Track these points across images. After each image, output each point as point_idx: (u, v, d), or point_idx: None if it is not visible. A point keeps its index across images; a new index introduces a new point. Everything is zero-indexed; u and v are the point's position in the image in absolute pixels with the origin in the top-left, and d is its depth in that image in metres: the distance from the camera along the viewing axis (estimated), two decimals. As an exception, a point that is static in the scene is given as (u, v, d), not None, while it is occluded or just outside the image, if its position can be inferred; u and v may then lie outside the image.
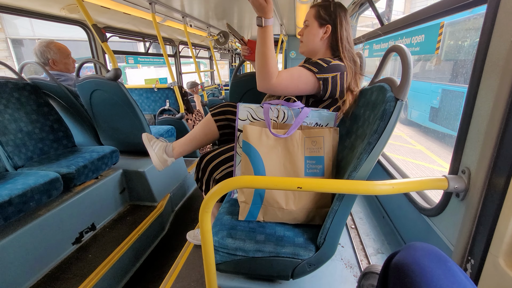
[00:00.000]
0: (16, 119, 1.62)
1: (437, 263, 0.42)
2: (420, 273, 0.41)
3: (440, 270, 0.41)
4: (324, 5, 1.15)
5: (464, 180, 0.70)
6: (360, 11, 2.32)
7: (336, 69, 1.05)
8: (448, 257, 0.45)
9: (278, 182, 0.65)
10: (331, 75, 1.04)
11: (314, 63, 1.06)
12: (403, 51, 0.68)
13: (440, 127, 5.08)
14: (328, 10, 1.14)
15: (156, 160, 1.35)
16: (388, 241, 1.25)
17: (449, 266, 0.42)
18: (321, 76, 1.03)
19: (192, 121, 3.11)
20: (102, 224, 1.75)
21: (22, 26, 8.64)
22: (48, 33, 8.72)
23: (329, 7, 1.14)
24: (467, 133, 0.71)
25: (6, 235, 1.21)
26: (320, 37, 1.16)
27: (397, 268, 0.45)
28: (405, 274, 0.43)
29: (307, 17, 1.20)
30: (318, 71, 1.03)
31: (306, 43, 1.20)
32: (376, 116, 0.71)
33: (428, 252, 0.45)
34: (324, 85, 1.04)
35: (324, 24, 1.14)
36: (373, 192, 0.63)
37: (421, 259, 0.43)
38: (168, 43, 4.13)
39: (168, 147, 1.38)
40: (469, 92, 0.69)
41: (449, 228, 0.79)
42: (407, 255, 0.46)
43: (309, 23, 1.18)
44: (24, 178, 1.33)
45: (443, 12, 0.89)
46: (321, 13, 1.15)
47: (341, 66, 1.06)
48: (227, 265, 0.89)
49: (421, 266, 0.42)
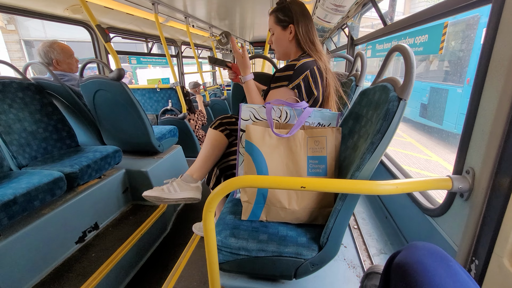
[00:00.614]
0: (21, 119, 1.64)
1: (440, 263, 0.42)
2: (422, 273, 0.41)
3: (443, 269, 0.41)
4: (281, 8, 1.18)
5: (468, 180, 0.69)
6: (362, 12, 2.32)
7: (302, 69, 1.07)
8: (450, 257, 0.44)
9: (281, 182, 0.65)
10: (300, 78, 1.07)
11: (283, 78, 1.09)
12: (406, 51, 0.68)
13: (428, 121, 5.60)
14: (285, 11, 1.17)
15: (191, 194, 1.19)
16: (391, 242, 1.25)
17: (451, 266, 0.42)
18: (293, 85, 1.07)
19: (194, 121, 3.12)
20: (105, 223, 1.76)
21: (34, 28, 8.94)
22: (59, 34, 8.93)
23: (285, 8, 1.17)
24: (471, 133, 0.70)
25: (11, 233, 1.22)
26: (288, 39, 1.19)
27: (399, 267, 0.45)
28: (407, 274, 0.42)
29: (270, 25, 1.24)
30: (288, 82, 1.07)
31: (277, 49, 1.25)
32: (379, 116, 0.71)
33: (430, 252, 0.45)
34: (299, 91, 1.08)
35: (286, 26, 1.17)
36: (377, 192, 0.63)
37: (423, 258, 0.43)
38: (170, 43, 4.15)
39: (185, 177, 1.24)
40: (473, 92, 0.69)
41: (453, 228, 0.79)
42: (409, 254, 0.46)
43: (273, 29, 1.22)
44: (29, 177, 1.34)
45: (447, 12, 0.89)
46: (280, 16, 1.18)
47: (308, 63, 1.08)
48: (230, 265, 0.90)
49: (424, 266, 0.42)
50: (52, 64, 1.93)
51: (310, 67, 1.08)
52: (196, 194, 1.21)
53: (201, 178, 1.27)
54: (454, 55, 4.86)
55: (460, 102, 4.57)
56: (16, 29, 8.61)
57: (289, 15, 1.15)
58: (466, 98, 4.73)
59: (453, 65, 5.01)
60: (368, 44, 2.50)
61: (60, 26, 2.38)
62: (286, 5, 1.17)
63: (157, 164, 2.11)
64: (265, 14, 3.22)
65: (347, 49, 2.62)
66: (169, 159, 2.31)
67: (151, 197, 1.14)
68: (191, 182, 1.23)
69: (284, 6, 1.17)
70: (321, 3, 2.10)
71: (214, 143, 1.27)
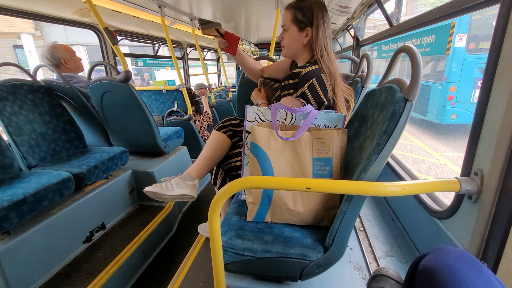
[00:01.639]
0: (31, 120, 1.67)
1: (471, 268, 0.40)
2: (452, 277, 0.39)
3: (474, 275, 0.39)
4: (300, 7, 1.07)
5: (476, 182, 0.68)
6: (368, 13, 2.30)
7: (307, 78, 1.03)
8: (481, 262, 0.43)
9: (286, 183, 0.65)
10: (305, 86, 1.03)
11: (288, 86, 1.07)
12: (412, 52, 0.67)
13: (414, 113, 6.10)
14: (305, 12, 1.06)
15: (187, 191, 1.20)
16: (398, 244, 1.23)
17: (484, 272, 0.40)
18: (298, 94, 1.04)
19: (199, 122, 3.14)
20: (112, 223, 1.79)
21: (57, 34, 9.74)
22: (80, 39, 9.45)
23: (306, 8, 1.06)
24: (480, 134, 0.69)
25: (21, 232, 1.25)
26: (302, 42, 1.10)
27: (426, 271, 0.43)
28: (435, 278, 0.41)
29: (284, 21, 1.13)
30: (293, 91, 1.05)
31: (287, 47, 1.16)
32: (385, 117, 0.71)
33: (460, 256, 0.43)
34: (305, 99, 1.05)
35: (304, 28, 1.08)
36: (383, 193, 0.63)
37: (453, 262, 0.41)
38: (176, 45, 4.19)
39: (183, 175, 1.26)
40: (482, 92, 0.68)
41: (461, 231, 0.78)
42: (438, 257, 0.44)
43: (287, 27, 1.12)
44: (38, 178, 1.37)
45: (455, 12, 0.88)
46: (299, 16, 1.07)
47: (313, 71, 1.03)
48: (236, 265, 0.90)
49: (454, 270, 0.40)
50: (61, 64, 1.96)
51: (316, 75, 1.03)
52: (192, 191, 1.21)
53: (199, 177, 1.27)
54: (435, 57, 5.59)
55: (440, 96, 5.11)
56: (41, 35, 9.50)
57: (309, 17, 1.06)
58: (445, 93, 4.88)
59: (434, 65, 5.66)
60: (373, 45, 2.49)
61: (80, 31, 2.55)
62: (307, 5, 1.06)
63: (163, 165, 2.13)
64: (270, 16, 3.23)
65: (352, 50, 2.61)
66: (175, 160, 2.33)
67: (150, 193, 1.18)
68: (188, 180, 1.24)
69: (305, 6, 1.06)
70: (326, 4, 2.10)
71: (215, 144, 1.28)
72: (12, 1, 1.80)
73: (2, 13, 1.83)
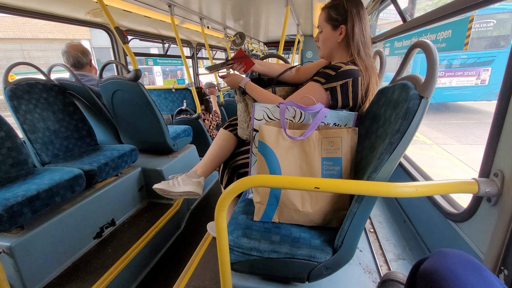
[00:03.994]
0: (44, 118, 1.71)
1: (472, 272, 0.39)
2: (452, 282, 0.38)
3: (475, 279, 0.38)
4: (334, 5, 1.07)
5: (496, 184, 0.65)
6: (380, 8, 2.24)
7: (346, 76, 0.99)
8: (484, 266, 0.41)
9: (294, 182, 0.63)
10: (339, 83, 1.00)
11: (322, 74, 1.03)
12: (428, 47, 0.64)
13: None
14: (338, 9, 1.06)
15: (192, 188, 1.23)
16: (410, 247, 1.19)
17: (486, 276, 0.38)
18: (328, 86, 1.01)
19: (208, 121, 3.15)
20: (121, 220, 1.81)
21: (100, 38, 11.45)
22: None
23: (339, 6, 1.06)
24: (501, 133, 0.66)
25: (34, 227, 1.28)
26: (337, 39, 1.08)
27: (426, 275, 0.42)
28: (435, 282, 0.39)
29: (319, 21, 1.13)
30: (324, 81, 1.01)
31: (323, 48, 1.15)
32: (399, 115, 0.68)
33: (461, 260, 0.41)
34: (333, 95, 1.01)
35: (337, 26, 1.07)
36: (395, 194, 0.60)
37: (454, 266, 0.40)
38: (186, 45, 4.22)
39: (190, 173, 1.29)
40: (503, 89, 0.64)
41: (479, 235, 0.74)
42: (437, 261, 0.42)
43: (322, 27, 1.12)
44: (51, 174, 1.40)
45: (473, 5, 0.83)
46: (332, 14, 1.07)
47: (353, 71, 1.00)
48: (242, 265, 0.89)
49: (454, 274, 0.39)
50: (89, 64, 2.10)
51: (355, 75, 1.00)
52: (197, 189, 1.24)
53: (204, 175, 1.30)
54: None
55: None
56: (90, 38, 11.90)
57: (342, 14, 1.05)
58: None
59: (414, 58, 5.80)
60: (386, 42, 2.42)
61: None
62: (341, 2, 1.06)
63: (171, 163, 2.14)
64: (279, 13, 3.20)
65: (363, 47, 2.55)
66: (183, 158, 2.35)
67: (158, 189, 1.23)
68: (194, 177, 1.27)
69: (339, 3, 1.06)
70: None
71: (221, 142, 1.29)
72: (29, 2, 1.85)
73: (19, 14, 1.88)
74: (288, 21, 2.32)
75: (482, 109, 7.24)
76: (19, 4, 1.82)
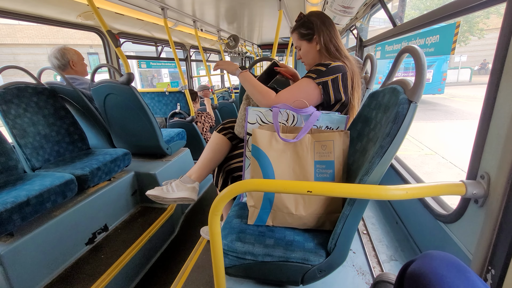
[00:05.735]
0: (35, 123, 1.68)
1: (456, 273, 0.40)
2: (437, 283, 0.39)
3: (459, 280, 0.39)
4: (301, 24, 1.19)
5: (483, 186, 0.66)
6: (371, 13, 2.29)
7: (335, 71, 1.05)
8: (468, 267, 0.42)
9: (287, 186, 0.64)
10: (330, 78, 1.05)
11: (313, 70, 1.08)
12: (416, 52, 0.66)
13: None
14: (305, 25, 1.17)
15: (186, 194, 1.23)
16: (402, 248, 1.21)
17: (469, 277, 0.40)
18: (320, 81, 1.04)
19: (201, 124, 3.14)
20: (114, 225, 1.79)
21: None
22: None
23: (305, 22, 1.17)
24: (486, 136, 0.67)
25: (24, 234, 1.25)
26: (316, 49, 1.18)
27: (413, 277, 0.43)
28: (421, 284, 0.41)
29: (295, 43, 1.24)
30: (316, 76, 1.05)
31: (307, 60, 1.24)
32: (389, 119, 0.69)
33: (446, 262, 0.43)
34: (325, 89, 1.05)
35: (311, 38, 1.17)
36: (386, 197, 0.61)
37: (439, 268, 0.41)
38: (179, 47, 4.21)
39: (184, 178, 1.29)
40: (488, 92, 0.66)
41: (467, 235, 0.76)
42: (423, 264, 0.44)
43: (300, 45, 1.22)
44: (41, 180, 1.37)
45: (460, 11, 0.86)
46: (302, 31, 1.18)
47: (342, 67, 1.07)
48: (236, 269, 0.89)
49: (439, 276, 0.40)
50: (69, 65, 1.99)
51: (342, 71, 1.06)
52: (191, 194, 1.24)
53: (199, 180, 1.29)
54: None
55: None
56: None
57: (311, 27, 1.16)
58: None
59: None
60: (377, 46, 2.47)
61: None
62: (305, 19, 1.18)
63: (165, 167, 2.13)
64: (272, 17, 3.23)
65: (355, 50, 2.59)
66: (177, 162, 2.33)
67: (152, 196, 1.22)
68: (188, 183, 1.26)
69: (304, 21, 1.18)
70: (329, 5, 2.08)
71: (214, 146, 1.29)
72: (18, 5, 1.82)
73: (8, 16, 1.85)
74: (281, 24, 2.34)
75: (427, 100, 10.02)
76: (9, 7, 1.80)
